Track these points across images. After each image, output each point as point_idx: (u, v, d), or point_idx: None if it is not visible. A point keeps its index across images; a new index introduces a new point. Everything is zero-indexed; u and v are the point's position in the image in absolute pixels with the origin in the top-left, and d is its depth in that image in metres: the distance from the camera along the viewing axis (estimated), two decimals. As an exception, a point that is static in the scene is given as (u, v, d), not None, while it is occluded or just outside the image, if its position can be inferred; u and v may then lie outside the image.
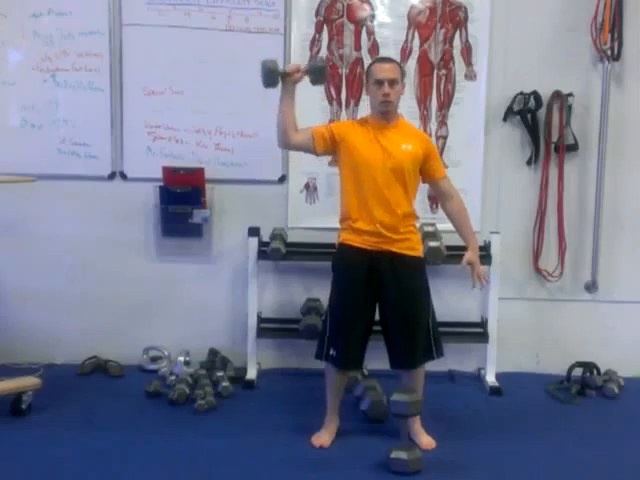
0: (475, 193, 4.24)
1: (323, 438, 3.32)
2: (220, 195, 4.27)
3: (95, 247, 4.30)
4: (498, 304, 4.14)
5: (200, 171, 4.19)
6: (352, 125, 3.36)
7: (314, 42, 4.20)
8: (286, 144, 3.31)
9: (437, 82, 4.24)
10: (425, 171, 3.30)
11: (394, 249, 3.22)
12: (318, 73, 3.27)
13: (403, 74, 3.29)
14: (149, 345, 4.29)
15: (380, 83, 3.17)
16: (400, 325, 3.25)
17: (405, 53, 4.22)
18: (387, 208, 3.19)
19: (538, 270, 4.32)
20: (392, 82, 3.17)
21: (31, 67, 4.21)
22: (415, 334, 3.26)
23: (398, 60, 4.14)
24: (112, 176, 4.28)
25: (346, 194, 3.28)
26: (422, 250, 3.39)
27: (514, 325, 4.28)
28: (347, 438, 3.37)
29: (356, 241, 3.24)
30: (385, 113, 3.22)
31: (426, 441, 3.33)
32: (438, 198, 3.55)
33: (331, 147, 3.27)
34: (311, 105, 4.08)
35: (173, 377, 3.93)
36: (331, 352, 3.27)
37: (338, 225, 3.36)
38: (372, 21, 4.21)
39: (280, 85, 3.21)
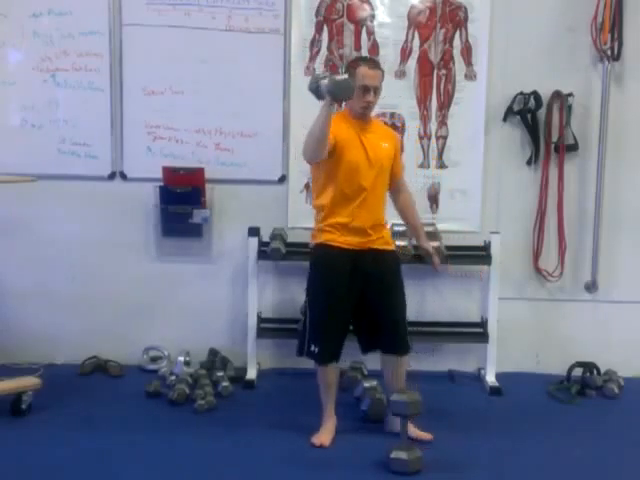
0: (475, 193, 4.24)
1: (323, 437, 3.32)
2: (220, 195, 4.27)
3: (95, 247, 4.30)
4: (498, 304, 4.14)
5: (200, 171, 4.19)
6: (338, 123, 3.23)
7: (314, 42, 4.20)
8: (320, 158, 3.18)
9: (437, 82, 4.24)
10: (392, 168, 3.39)
11: (374, 246, 3.31)
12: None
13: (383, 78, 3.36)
14: (149, 345, 4.29)
15: (366, 90, 3.22)
16: (392, 313, 3.33)
17: (405, 53, 4.21)
18: (371, 208, 3.27)
19: (538, 270, 4.31)
20: (376, 90, 3.26)
21: (31, 67, 4.21)
22: (403, 322, 3.37)
23: (398, 60, 4.19)
24: (112, 176, 4.28)
25: (330, 193, 3.26)
26: (394, 243, 3.50)
27: (514, 325, 4.28)
28: (347, 438, 3.37)
29: (338, 241, 3.27)
30: (364, 115, 3.30)
31: (420, 433, 3.36)
32: (392, 193, 3.51)
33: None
34: (311, 105, 4.07)
35: (173, 377, 3.93)
36: (312, 348, 3.32)
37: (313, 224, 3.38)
38: (372, 21, 4.21)
39: (327, 101, 3.06)
